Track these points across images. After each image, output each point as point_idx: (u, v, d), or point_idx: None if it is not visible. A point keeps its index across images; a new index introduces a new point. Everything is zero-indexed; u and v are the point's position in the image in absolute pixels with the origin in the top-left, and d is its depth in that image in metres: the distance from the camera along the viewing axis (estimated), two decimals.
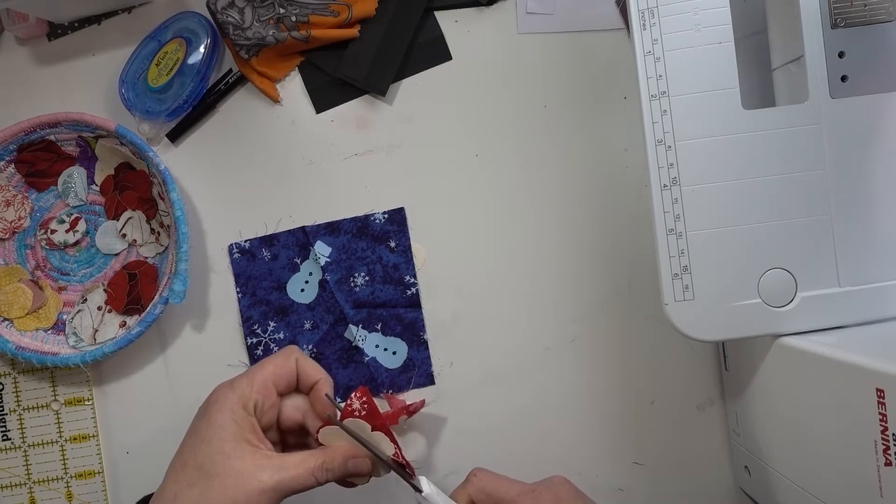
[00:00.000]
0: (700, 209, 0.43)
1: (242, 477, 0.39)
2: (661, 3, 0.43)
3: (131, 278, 0.58)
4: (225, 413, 0.41)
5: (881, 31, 0.43)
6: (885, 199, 0.43)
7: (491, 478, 0.44)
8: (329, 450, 0.42)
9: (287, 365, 0.44)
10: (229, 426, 0.40)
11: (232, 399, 0.42)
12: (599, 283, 0.57)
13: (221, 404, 0.42)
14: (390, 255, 0.57)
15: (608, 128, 0.57)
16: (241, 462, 0.39)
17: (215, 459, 0.39)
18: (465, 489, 0.44)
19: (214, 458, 0.39)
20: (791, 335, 0.43)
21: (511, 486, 0.43)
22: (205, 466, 0.39)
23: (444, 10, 0.57)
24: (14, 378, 0.59)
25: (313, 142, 0.58)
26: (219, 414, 0.41)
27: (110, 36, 0.59)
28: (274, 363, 0.44)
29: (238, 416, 0.41)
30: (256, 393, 0.42)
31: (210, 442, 0.40)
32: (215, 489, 0.39)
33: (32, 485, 0.59)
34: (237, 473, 0.39)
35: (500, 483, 0.43)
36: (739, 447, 0.53)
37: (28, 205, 0.59)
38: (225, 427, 0.40)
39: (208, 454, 0.40)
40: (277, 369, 0.43)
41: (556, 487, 0.44)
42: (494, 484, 0.43)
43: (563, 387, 0.57)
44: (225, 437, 0.40)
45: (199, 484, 0.39)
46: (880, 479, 0.35)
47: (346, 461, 0.42)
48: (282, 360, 0.44)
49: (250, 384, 0.42)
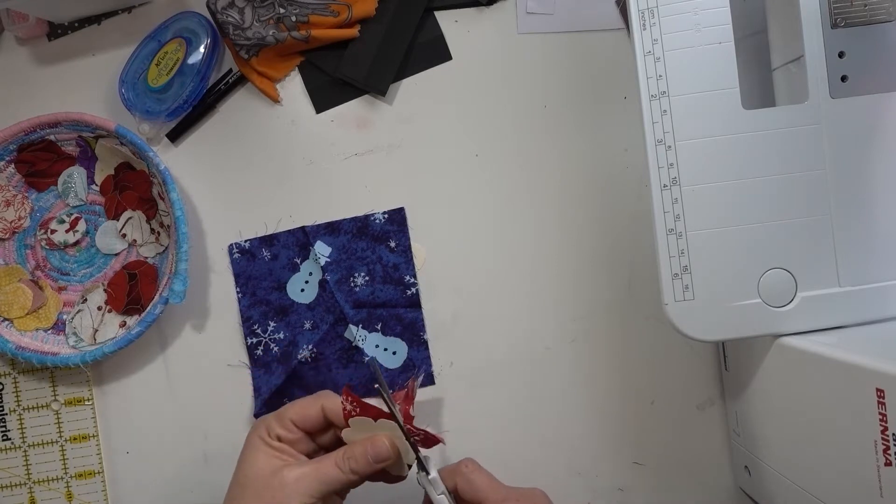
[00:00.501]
0: (700, 209, 0.43)
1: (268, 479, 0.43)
2: (661, 3, 0.43)
3: (131, 278, 0.58)
4: (254, 437, 0.46)
5: (881, 31, 0.43)
6: (885, 199, 0.43)
7: (479, 474, 0.45)
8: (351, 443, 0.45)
9: (311, 407, 0.46)
10: (259, 446, 0.45)
11: (260, 428, 0.46)
12: (599, 283, 0.57)
13: (252, 432, 0.46)
14: (390, 255, 0.57)
15: (608, 128, 0.57)
16: (268, 468, 0.44)
17: (247, 472, 0.44)
18: (453, 476, 0.45)
19: (246, 471, 0.44)
20: (791, 335, 0.43)
21: (496, 489, 0.45)
22: (239, 481, 0.44)
23: (444, 10, 0.57)
24: (14, 378, 0.59)
25: (313, 142, 0.58)
26: (250, 438, 0.46)
27: (110, 36, 0.59)
28: (300, 404, 0.47)
29: (265, 439, 0.45)
30: (279, 427, 0.46)
31: (244, 460, 0.45)
32: (248, 495, 0.43)
33: (32, 485, 0.59)
34: (264, 478, 0.43)
35: (486, 483, 0.45)
36: (739, 447, 0.53)
37: (28, 205, 0.59)
38: (256, 447, 0.45)
39: (242, 469, 0.45)
40: (301, 410, 0.46)
41: (537, 501, 0.45)
42: (481, 481, 0.45)
43: (563, 387, 0.57)
44: (255, 454, 0.45)
45: (238, 496, 0.44)
46: (880, 479, 0.35)
47: (364, 447, 0.44)
48: (308, 402, 0.46)
49: (275, 418, 0.46)
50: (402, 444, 0.45)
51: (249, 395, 0.58)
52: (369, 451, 0.44)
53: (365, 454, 0.44)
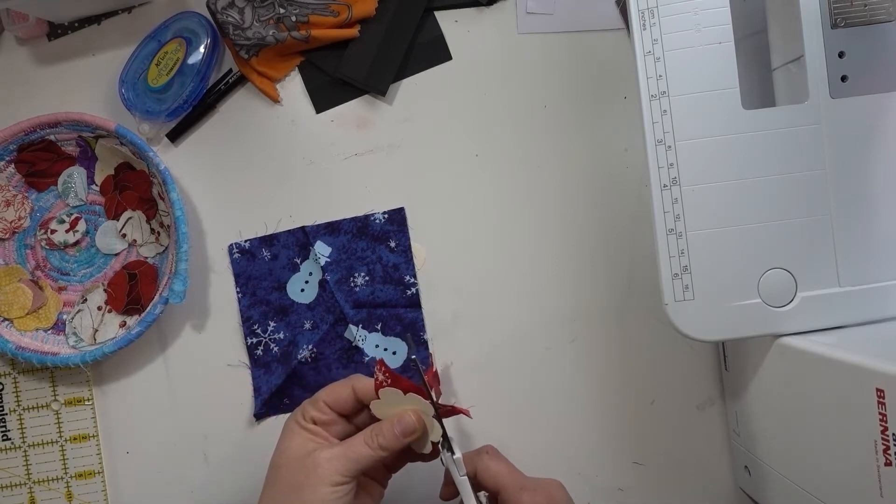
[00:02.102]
0: (700, 209, 0.43)
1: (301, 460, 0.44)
2: (661, 3, 0.43)
3: (131, 278, 0.58)
4: (290, 422, 0.46)
5: (881, 31, 0.43)
6: (885, 199, 0.43)
7: (498, 461, 0.47)
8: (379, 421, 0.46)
9: (342, 390, 0.47)
10: (294, 429, 0.46)
11: (297, 413, 0.47)
12: (599, 284, 0.57)
13: (290, 416, 0.47)
14: (390, 255, 0.57)
15: (608, 128, 0.57)
16: (301, 450, 0.44)
17: (282, 455, 0.45)
18: (473, 461, 0.46)
19: (281, 454, 0.45)
20: (791, 335, 0.43)
21: (514, 477, 0.46)
22: (276, 463, 0.45)
23: (444, 10, 0.57)
24: (14, 378, 0.59)
25: (313, 142, 0.58)
26: (286, 424, 0.47)
27: (110, 36, 0.59)
28: (332, 386, 0.47)
29: (301, 423, 0.46)
30: (313, 410, 0.46)
31: (280, 444, 0.46)
32: (281, 477, 0.44)
33: (32, 485, 0.59)
34: (297, 459, 0.44)
35: (505, 470, 0.46)
36: (739, 447, 0.53)
37: (28, 205, 0.59)
38: (291, 431, 0.46)
39: (278, 452, 0.46)
40: (332, 391, 0.47)
41: (553, 491, 0.46)
42: (500, 469, 0.46)
43: (563, 387, 0.57)
44: (290, 437, 0.45)
45: (273, 478, 0.45)
46: (880, 479, 0.35)
47: (391, 423, 0.45)
48: (340, 384, 0.47)
49: (310, 402, 0.47)
50: (428, 421, 0.45)
51: (249, 395, 0.58)
52: (396, 426, 0.44)
53: (392, 429, 0.44)
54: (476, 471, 0.46)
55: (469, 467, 0.46)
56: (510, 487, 0.45)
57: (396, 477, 0.49)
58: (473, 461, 0.46)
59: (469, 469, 0.46)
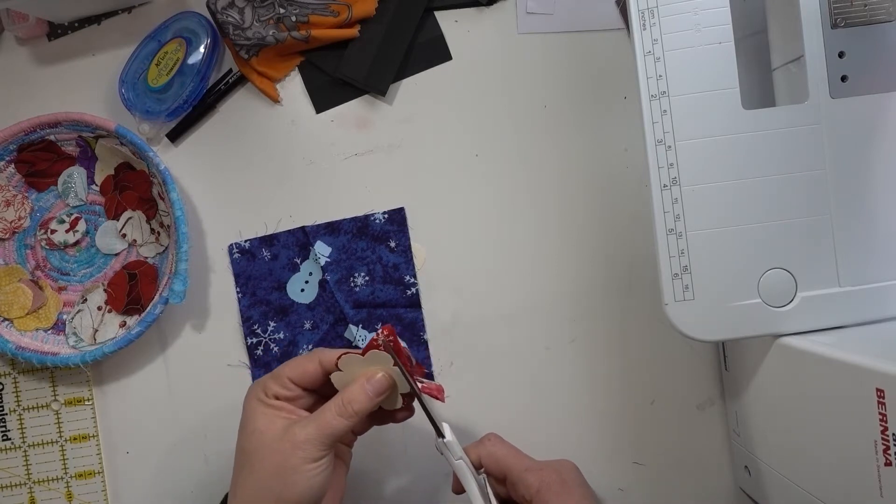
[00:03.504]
0: (700, 209, 0.43)
1: (276, 442, 0.42)
2: (661, 3, 0.43)
3: (131, 278, 0.58)
4: (252, 401, 0.45)
5: (881, 31, 0.43)
6: (885, 199, 0.43)
7: (503, 445, 0.46)
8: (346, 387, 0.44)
9: (307, 364, 0.45)
10: (258, 408, 0.44)
11: (256, 390, 0.45)
12: (599, 284, 0.57)
13: (249, 396, 0.45)
14: (390, 255, 0.57)
15: (608, 128, 0.57)
16: (272, 431, 0.43)
17: (251, 438, 0.43)
18: (476, 449, 0.46)
19: (251, 437, 0.43)
20: (791, 335, 0.43)
21: (520, 459, 0.45)
22: (245, 447, 0.43)
23: (444, 10, 0.57)
24: (14, 378, 0.59)
25: (313, 142, 0.58)
26: (248, 404, 0.45)
27: (110, 36, 0.59)
28: (296, 361, 0.46)
29: (264, 400, 0.44)
30: (275, 385, 0.45)
31: (245, 427, 0.44)
32: (257, 462, 0.42)
33: (32, 485, 0.59)
34: (271, 440, 0.42)
35: (510, 453, 0.46)
36: (739, 447, 0.53)
37: (28, 205, 0.59)
38: (255, 410, 0.44)
39: (245, 436, 0.44)
40: (296, 366, 0.45)
41: (564, 471, 0.45)
42: (505, 452, 0.46)
43: (563, 387, 0.57)
44: (256, 417, 0.44)
45: (247, 463, 0.43)
46: (880, 479, 0.35)
47: (362, 386, 0.43)
48: (303, 360, 0.46)
49: (270, 377, 0.45)
50: (397, 378, 0.44)
51: None
52: (367, 387, 0.43)
53: (364, 391, 0.43)
54: (480, 458, 0.46)
55: (473, 456, 0.45)
56: (515, 469, 0.44)
57: (398, 475, 0.49)
58: (477, 449, 0.46)
59: (473, 458, 0.45)
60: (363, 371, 0.44)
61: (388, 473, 0.57)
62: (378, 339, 0.43)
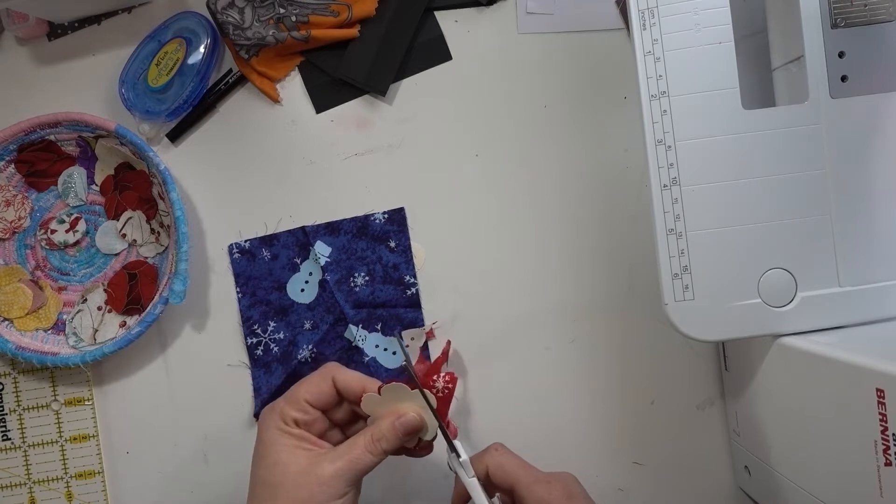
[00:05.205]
0: (700, 209, 0.43)
1: (302, 476, 0.41)
2: (661, 3, 0.43)
3: (131, 278, 0.58)
4: (271, 430, 0.44)
5: (881, 31, 0.43)
6: (885, 199, 0.43)
7: (510, 457, 0.46)
8: (375, 422, 0.44)
9: (322, 384, 0.45)
10: (279, 439, 0.43)
11: (273, 418, 0.44)
12: (599, 284, 0.57)
13: (266, 424, 0.44)
14: (390, 255, 0.57)
15: (608, 128, 0.57)
16: (297, 465, 0.42)
17: (274, 471, 0.42)
18: (483, 460, 0.46)
19: (273, 469, 0.42)
20: (791, 335, 0.43)
21: (528, 471, 0.45)
22: (267, 480, 0.42)
23: (444, 10, 0.57)
24: (14, 378, 0.59)
25: (313, 142, 0.58)
26: (266, 433, 0.44)
27: (110, 36, 0.59)
28: (308, 382, 0.46)
29: (283, 429, 0.44)
30: (293, 411, 0.44)
31: (266, 457, 0.43)
32: (281, 496, 0.41)
33: (32, 485, 0.59)
34: (296, 475, 0.41)
35: (517, 464, 0.45)
36: (739, 447, 0.53)
37: (28, 205, 0.59)
38: (275, 441, 0.43)
39: (267, 468, 0.42)
40: (311, 387, 0.45)
41: (569, 484, 0.45)
42: (512, 464, 0.45)
43: (563, 387, 0.57)
44: (278, 449, 0.43)
45: (269, 497, 0.42)
46: (880, 479, 0.35)
47: (392, 423, 0.43)
48: (317, 380, 0.45)
49: (286, 403, 0.45)
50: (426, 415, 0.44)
51: (249, 395, 0.58)
52: (398, 426, 0.43)
53: (394, 429, 0.43)
54: (487, 469, 0.45)
55: (479, 467, 0.45)
56: (524, 481, 0.44)
57: (397, 481, 0.49)
58: (483, 459, 0.45)
59: (479, 468, 0.45)
60: (395, 407, 0.44)
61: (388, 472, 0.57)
62: (436, 382, 0.44)
